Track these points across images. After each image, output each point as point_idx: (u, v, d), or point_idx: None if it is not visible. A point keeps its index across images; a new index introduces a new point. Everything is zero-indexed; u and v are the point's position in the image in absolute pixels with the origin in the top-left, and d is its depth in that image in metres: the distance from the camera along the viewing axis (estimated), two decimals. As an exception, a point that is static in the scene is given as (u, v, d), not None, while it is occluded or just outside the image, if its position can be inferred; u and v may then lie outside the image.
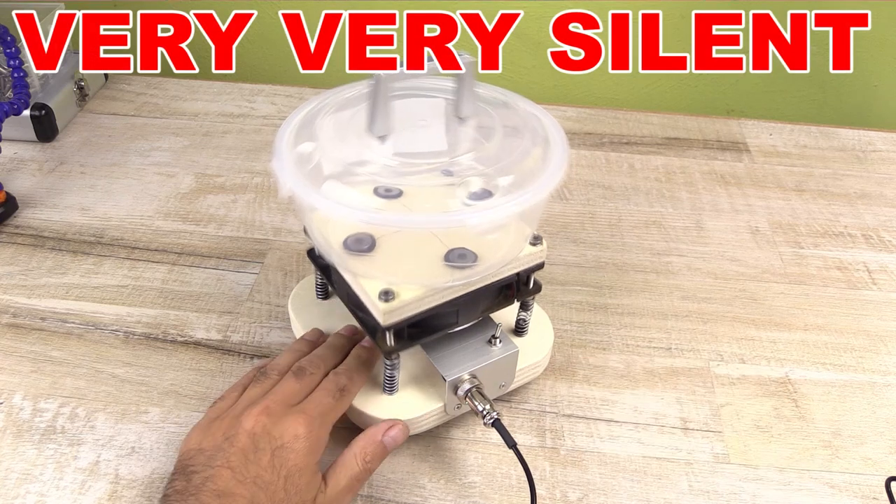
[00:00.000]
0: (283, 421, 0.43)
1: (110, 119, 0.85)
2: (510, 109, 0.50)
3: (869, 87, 0.98)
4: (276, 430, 0.43)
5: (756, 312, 0.64)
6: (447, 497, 0.50)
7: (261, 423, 0.43)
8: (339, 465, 0.45)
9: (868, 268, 0.69)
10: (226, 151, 0.80)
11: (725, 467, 0.52)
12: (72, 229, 0.69)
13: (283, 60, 1.02)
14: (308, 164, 0.44)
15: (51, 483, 0.49)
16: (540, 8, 0.94)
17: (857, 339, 0.62)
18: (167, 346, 0.59)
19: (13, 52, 0.73)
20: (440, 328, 0.49)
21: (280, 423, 0.43)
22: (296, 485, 0.42)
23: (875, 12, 0.91)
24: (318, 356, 0.50)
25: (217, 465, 0.41)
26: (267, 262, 0.67)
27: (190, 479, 0.41)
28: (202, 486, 0.40)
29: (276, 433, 0.43)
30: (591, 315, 0.63)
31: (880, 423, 0.56)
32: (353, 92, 0.50)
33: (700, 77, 0.99)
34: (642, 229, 0.73)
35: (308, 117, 0.48)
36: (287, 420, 0.44)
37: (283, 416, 0.44)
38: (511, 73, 1.00)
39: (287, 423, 0.43)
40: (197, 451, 0.42)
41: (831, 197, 0.78)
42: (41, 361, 0.57)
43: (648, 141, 0.85)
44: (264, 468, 0.41)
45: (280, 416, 0.44)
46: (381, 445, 0.46)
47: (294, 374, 0.47)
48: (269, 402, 0.45)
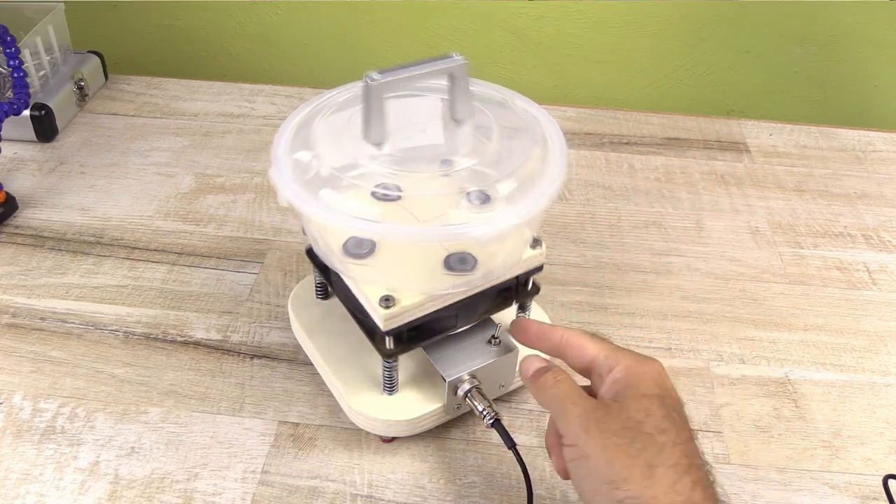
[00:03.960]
0: None
1: (110, 119, 0.85)
2: (507, 109, 0.50)
3: (869, 87, 0.98)
4: None
5: (756, 312, 0.64)
6: (447, 497, 0.49)
7: None
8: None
9: (868, 268, 0.69)
10: (226, 151, 0.80)
11: (725, 467, 0.52)
12: (72, 229, 0.69)
13: (283, 60, 1.02)
14: (306, 171, 0.44)
15: (50, 483, 0.49)
16: (540, 8, 0.94)
17: (857, 339, 0.62)
18: (167, 346, 0.59)
19: (13, 52, 0.73)
20: (439, 331, 0.49)
21: None
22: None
23: (875, 12, 0.91)
24: None
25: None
26: (267, 262, 0.67)
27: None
28: None
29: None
30: (591, 315, 0.63)
31: (880, 423, 0.56)
32: (348, 94, 0.50)
33: (700, 77, 0.99)
34: (642, 229, 0.73)
35: (304, 121, 0.48)
36: None
37: None
38: (511, 73, 1.00)
39: None
40: None
41: (831, 197, 0.78)
42: (41, 361, 0.57)
43: (648, 141, 0.85)
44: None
45: None
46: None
47: None
48: None
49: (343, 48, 1.00)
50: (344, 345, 0.53)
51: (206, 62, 1.02)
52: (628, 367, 0.42)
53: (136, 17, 0.99)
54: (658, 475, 0.37)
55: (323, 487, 0.50)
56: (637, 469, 0.38)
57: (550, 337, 0.46)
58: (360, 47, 0.99)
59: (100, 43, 0.93)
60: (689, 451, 0.39)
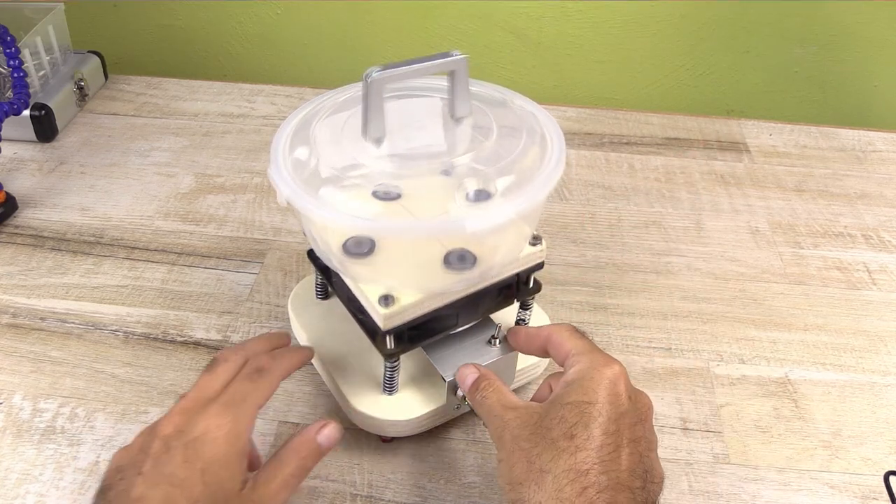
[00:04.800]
0: (198, 416, 0.41)
1: (110, 119, 0.85)
2: (506, 108, 0.50)
3: (869, 87, 0.98)
4: (189, 426, 0.41)
5: (756, 312, 0.64)
6: (447, 497, 0.50)
7: (173, 425, 0.41)
8: (273, 461, 0.43)
9: (868, 268, 0.69)
10: (226, 151, 0.80)
11: (725, 467, 0.52)
12: (72, 229, 0.69)
13: (283, 60, 1.02)
14: (305, 169, 0.44)
15: (50, 483, 0.49)
16: (540, 8, 0.94)
17: (857, 340, 0.62)
18: (167, 346, 0.59)
19: (13, 52, 0.73)
20: (440, 330, 0.49)
21: (194, 419, 0.41)
22: (215, 475, 0.39)
23: (875, 12, 0.91)
24: (236, 345, 0.48)
25: (130, 476, 0.39)
26: (267, 262, 0.67)
27: (105, 496, 0.39)
28: (115, 500, 0.38)
29: (190, 429, 0.41)
30: (591, 315, 0.63)
31: (880, 423, 0.56)
32: (348, 94, 0.50)
33: (700, 77, 0.99)
34: (642, 229, 0.73)
35: (304, 121, 0.48)
36: (201, 414, 0.41)
37: (198, 412, 0.42)
38: (511, 73, 1.00)
39: (201, 417, 0.41)
40: (115, 470, 0.41)
41: (831, 197, 0.78)
42: (41, 361, 0.57)
43: (648, 141, 0.85)
44: (178, 466, 0.39)
45: (195, 413, 0.42)
46: (315, 443, 0.44)
47: (206, 369, 0.45)
48: (184, 401, 0.43)
49: (343, 48, 1.00)
50: (344, 345, 0.53)
51: (206, 62, 1.02)
52: (581, 370, 0.42)
53: (136, 17, 0.99)
54: (547, 481, 0.38)
55: (323, 487, 0.50)
56: (532, 474, 0.38)
57: (537, 338, 0.47)
58: (360, 47, 0.99)
59: (100, 43, 0.93)
60: (591, 458, 0.38)
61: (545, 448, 0.39)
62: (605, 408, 0.39)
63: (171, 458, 0.39)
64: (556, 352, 0.45)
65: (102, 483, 0.40)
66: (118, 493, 0.39)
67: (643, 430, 0.41)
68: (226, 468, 0.40)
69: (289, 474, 0.42)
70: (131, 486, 0.38)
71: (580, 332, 0.45)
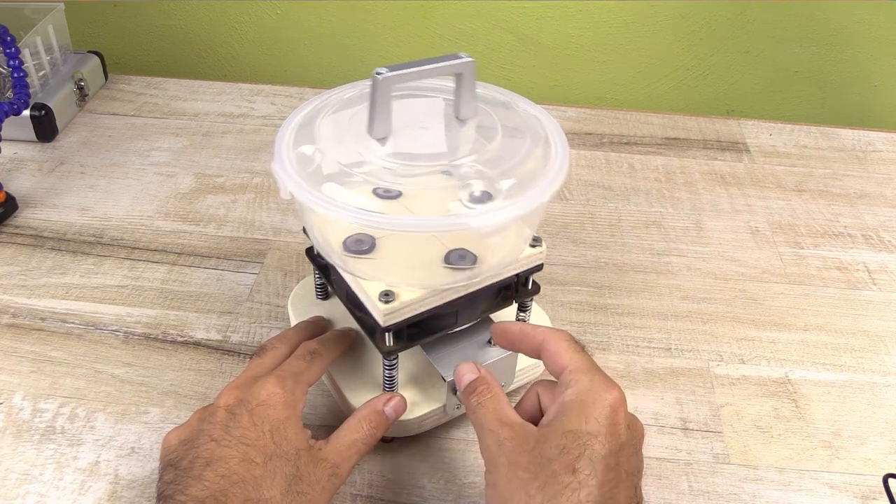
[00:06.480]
0: (255, 387, 0.44)
1: (110, 119, 0.85)
2: (510, 110, 0.50)
3: (869, 87, 0.98)
4: (249, 396, 0.44)
5: (756, 312, 0.64)
6: (447, 497, 0.50)
7: (233, 396, 0.44)
8: (344, 427, 0.46)
9: (868, 268, 0.69)
10: (226, 151, 0.80)
11: (725, 468, 0.52)
12: (72, 229, 0.69)
13: (283, 60, 1.02)
14: (308, 165, 0.44)
15: (50, 483, 0.49)
16: (540, 8, 0.94)
17: (857, 340, 0.62)
18: (167, 346, 0.59)
19: (13, 52, 0.73)
20: (439, 329, 0.49)
21: (251, 389, 0.44)
22: (282, 435, 0.43)
23: (875, 12, 0.91)
24: (281, 334, 0.51)
25: (200, 444, 0.42)
26: (267, 262, 0.67)
27: (178, 466, 0.41)
28: (192, 466, 0.40)
29: (249, 398, 0.44)
30: (590, 315, 0.63)
31: (880, 424, 0.56)
32: (352, 92, 0.50)
33: (700, 77, 0.99)
34: (642, 229, 0.73)
35: (308, 118, 0.48)
36: (259, 385, 0.44)
37: (254, 384, 0.45)
38: (511, 73, 1.00)
39: (259, 387, 0.44)
40: (177, 444, 0.43)
41: (831, 197, 0.78)
42: (41, 361, 0.57)
43: (648, 141, 0.85)
44: (247, 428, 0.42)
45: (250, 385, 0.45)
46: (382, 414, 0.47)
47: (256, 354, 0.49)
48: (237, 380, 0.46)
49: (343, 48, 1.00)
50: (344, 345, 0.53)
51: (206, 62, 1.03)
52: (580, 392, 0.40)
53: (136, 17, 0.99)
54: None
55: (323, 487, 0.50)
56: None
57: (531, 338, 0.45)
58: (360, 47, 0.99)
59: (100, 43, 0.93)
60: (593, 496, 0.36)
61: (546, 482, 0.37)
62: (607, 440, 0.38)
63: (239, 423, 0.42)
64: (550, 361, 0.43)
65: (166, 459, 0.42)
66: (191, 460, 0.41)
67: (637, 460, 0.40)
68: (291, 428, 0.43)
69: (359, 440, 0.46)
70: (205, 452, 0.41)
71: (579, 345, 0.43)
